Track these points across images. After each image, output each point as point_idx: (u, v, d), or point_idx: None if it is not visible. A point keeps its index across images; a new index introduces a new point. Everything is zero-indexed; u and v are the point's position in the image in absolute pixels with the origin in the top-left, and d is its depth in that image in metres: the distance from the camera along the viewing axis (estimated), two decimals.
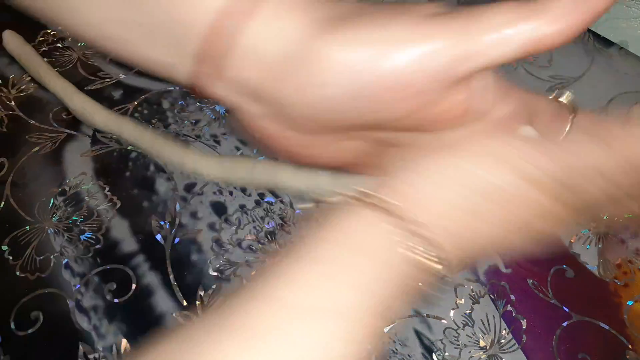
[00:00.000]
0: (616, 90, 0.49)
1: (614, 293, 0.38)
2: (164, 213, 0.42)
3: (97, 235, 0.41)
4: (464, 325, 0.37)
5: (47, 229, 0.41)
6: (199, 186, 0.44)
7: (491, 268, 0.39)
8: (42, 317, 0.37)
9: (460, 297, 0.38)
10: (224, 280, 0.39)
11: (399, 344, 0.36)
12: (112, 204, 0.43)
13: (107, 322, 0.37)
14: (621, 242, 0.41)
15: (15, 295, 0.38)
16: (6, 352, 0.36)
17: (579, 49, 0.53)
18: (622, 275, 0.39)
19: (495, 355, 0.36)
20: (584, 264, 0.40)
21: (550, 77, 0.51)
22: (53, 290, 0.39)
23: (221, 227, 0.41)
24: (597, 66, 0.51)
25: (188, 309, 0.38)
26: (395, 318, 0.22)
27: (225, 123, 0.47)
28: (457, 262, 0.22)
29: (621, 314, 0.37)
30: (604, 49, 0.52)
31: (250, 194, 0.43)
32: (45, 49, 0.53)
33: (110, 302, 0.38)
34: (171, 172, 0.44)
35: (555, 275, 0.39)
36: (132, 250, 0.40)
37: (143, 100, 0.49)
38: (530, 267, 0.39)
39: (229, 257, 0.40)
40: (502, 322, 0.37)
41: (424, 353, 0.36)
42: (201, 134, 0.47)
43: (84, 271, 0.39)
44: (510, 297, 0.38)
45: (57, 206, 0.42)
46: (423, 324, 0.37)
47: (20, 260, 0.40)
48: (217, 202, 0.43)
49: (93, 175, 0.44)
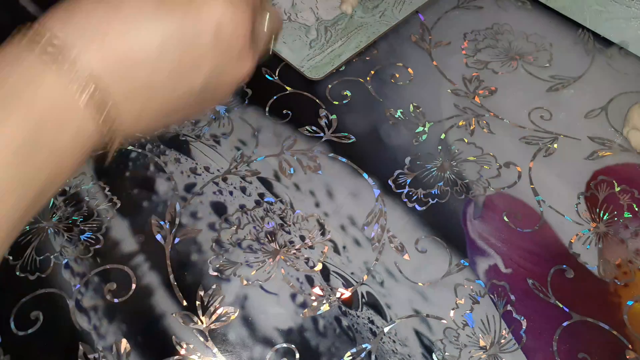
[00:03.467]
0: (616, 90, 0.50)
1: (614, 293, 0.38)
2: (164, 213, 0.42)
3: (97, 235, 0.41)
4: (463, 326, 0.37)
5: (47, 229, 0.41)
6: (199, 186, 0.44)
7: (491, 268, 0.39)
8: (42, 317, 0.37)
9: (460, 297, 0.38)
10: (224, 280, 0.39)
11: (399, 344, 0.36)
12: (112, 204, 0.43)
13: (107, 322, 0.37)
14: (621, 242, 0.41)
15: (15, 295, 0.38)
16: (6, 352, 0.36)
17: (579, 49, 0.53)
18: (622, 275, 0.39)
19: (495, 355, 0.36)
20: (584, 264, 0.40)
21: (550, 77, 0.51)
22: (53, 290, 0.39)
23: (221, 227, 0.41)
24: (597, 66, 0.51)
25: (188, 309, 0.38)
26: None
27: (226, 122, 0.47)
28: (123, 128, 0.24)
29: (621, 314, 0.38)
30: (604, 49, 0.53)
31: (250, 194, 0.43)
32: None
33: (110, 302, 0.38)
34: (171, 172, 0.44)
35: (555, 275, 0.39)
36: (132, 250, 0.40)
37: None
38: (530, 267, 0.39)
39: (229, 257, 0.40)
40: (502, 322, 0.37)
41: (424, 353, 0.36)
42: (201, 134, 0.47)
43: (84, 271, 0.39)
44: (510, 297, 0.38)
45: (57, 206, 0.42)
46: (423, 324, 0.37)
47: (20, 260, 0.40)
48: (217, 202, 0.43)
49: (93, 175, 0.44)
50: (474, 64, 0.52)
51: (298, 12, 0.55)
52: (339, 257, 0.40)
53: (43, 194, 0.23)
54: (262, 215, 0.42)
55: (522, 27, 0.55)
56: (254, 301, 0.38)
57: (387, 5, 0.56)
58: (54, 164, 0.22)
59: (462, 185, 0.44)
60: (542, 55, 0.52)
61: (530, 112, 0.48)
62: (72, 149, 0.23)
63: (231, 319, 0.37)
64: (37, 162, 0.21)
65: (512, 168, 0.45)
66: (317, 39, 0.53)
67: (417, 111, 0.48)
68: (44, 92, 0.21)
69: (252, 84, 0.50)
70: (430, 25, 0.55)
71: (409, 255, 0.40)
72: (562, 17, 0.55)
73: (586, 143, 0.46)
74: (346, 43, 0.52)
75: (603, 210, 0.42)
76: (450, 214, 0.42)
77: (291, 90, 0.50)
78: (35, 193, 0.22)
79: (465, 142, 0.46)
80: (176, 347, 0.36)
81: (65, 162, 0.23)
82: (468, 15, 0.56)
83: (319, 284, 0.39)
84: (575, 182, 0.44)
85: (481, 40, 0.54)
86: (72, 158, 0.23)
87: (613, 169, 0.44)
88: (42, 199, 0.23)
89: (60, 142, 0.22)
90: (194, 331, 0.37)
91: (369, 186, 0.44)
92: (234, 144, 0.46)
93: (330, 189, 0.43)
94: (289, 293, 0.39)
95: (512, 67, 0.51)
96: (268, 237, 0.41)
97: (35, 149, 0.21)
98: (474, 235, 0.41)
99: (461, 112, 0.48)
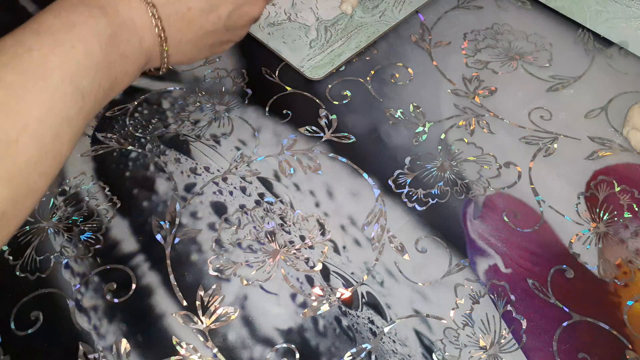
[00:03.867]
0: (616, 90, 0.50)
1: (614, 293, 0.38)
2: (164, 213, 0.42)
3: (97, 235, 0.41)
4: (464, 326, 0.37)
5: (47, 229, 0.41)
6: (199, 186, 0.44)
7: (491, 268, 0.39)
8: (42, 317, 0.37)
9: (460, 297, 0.38)
10: (224, 280, 0.39)
11: (399, 344, 0.36)
12: (112, 204, 0.43)
13: (107, 322, 0.37)
14: (621, 242, 0.41)
15: (15, 295, 0.38)
16: (6, 352, 0.36)
17: (579, 49, 0.53)
18: (622, 275, 0.39)
19: (495, 355, 0.36)
20: (584, 264, 0.40)
21: (550, 77, 0.51)
22: (53, 290, 0.39)
23: (221, 227, 0.41)
24: (597, 66, 0.51)
25: (188, 309, 0.38)
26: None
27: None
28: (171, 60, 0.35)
29: (621, 314, 0.38)
30: (604, 49, 0.53)
31: (250, 194, 0.43)
32: None
33: (110, 302, 0.38)
34: (171, 172, 0.44)
35: (555, 275, 0.39)
36: (132, 250, 0.40)
37: (143, 100, 0.49)
38: (530, 267, 0.39)
39: (229, 257, 0.40)
40: (502, 322, 0.37)
41: (424, 353, 0.36)
42: (201, 134, 0.47)
43: (84, 271, 0.39)
44: (510, 297, 0.38)
45: (57, 206, 0.42)
46: (423, 324, 0.37)
47: (20, 260, 0.40)
48: (217, 202, 0.43)
49: (93, 175, 0.44)
50: (474, 64, 0.52)
51: (298, 12, 0.55)
52: (339, 257, 0.40)
53: (115, 85, 0.31)
54: (262, 215, 0.42)
55: (522, 27, 0.55)
56: (254, 301, 0.38)
57: (387, 5, 0.56)
58: (123, 63, 0.31)
59: (462, 185, 0.44)
60: (542, 55, 0.52)
61: (530, 112, 0.48)
62: (135, 55, 0.32)
63: (231, 319, 0.37)
64: (114, 55, 0.30)
65: (512, 168, 0.45)
66: (317, 39, 0.53)
67: (417, 111, 0.48)
68: (122, 9, 0.30)
69: (252, 84, 0.50)
70: (430, 25, 0.55)
71: (409, 255, 0.40)
72: (562, 17, 0.55)
73: (586, 143, 0.46)
74: (346, 43, 0.52)
75: (603, 210, 0.42)
76: (450, 214, 0.42)
77: (291, 90, 0.50)
78: (112, 82, 0.30)
79: (465, 142, 0.46)
80: (176, 347, 0.36)
81: (129, 65, 0.31)
82: (468, 15, 0.56)
83: (319, 284, 0.39)
84: (575, 182, 0.44)
85: (481, 40, 0.54)
86: (135, 64, 0.32)
87: (613, 169, 0.44)
88: (114, 90, 0.31)
89: (128, 46, 0.31)
90: (194, 331, 0.37)
91: (369, 186, 0.44)
92: (235, 143, 0.46)
93: (330, 189, 0.43)
94: (289, 293, 0.39)
95: (512, 67, 0.51)
96: (268, 237, 0.41)
97: (113, 46, 0.29)
98: (474, 235, 0.41)
99: (461, 112, 0.48)
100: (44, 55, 0.26)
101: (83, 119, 0.28)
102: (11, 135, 0.24)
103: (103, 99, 0.30)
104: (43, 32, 0.26)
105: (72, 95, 0.27)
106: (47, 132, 0.26)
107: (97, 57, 0.28)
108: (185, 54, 0.36)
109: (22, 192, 0.25)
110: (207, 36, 0.36)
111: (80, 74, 0.27)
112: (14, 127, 0.24)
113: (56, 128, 0.26)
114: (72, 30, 0.27)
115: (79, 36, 0.27)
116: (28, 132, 0.25)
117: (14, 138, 0.24)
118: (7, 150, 0.24)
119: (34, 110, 0.25)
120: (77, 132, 0.28)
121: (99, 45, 0.28)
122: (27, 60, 0.25)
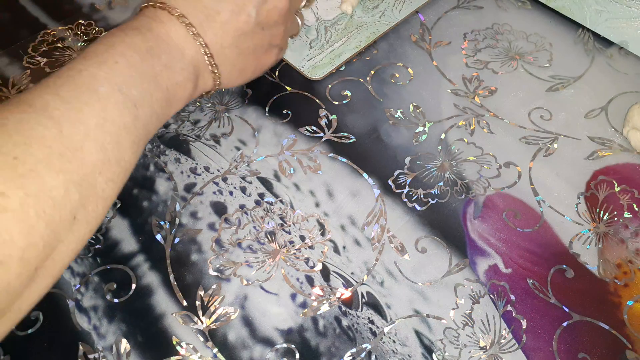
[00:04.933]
0: (616, 90, 0.50)
1: (614, 293, 0.38)
2: (164, 213, 0.42)
3: (97, 235, 0.41)
4: (464, 325, 0.37)
5: None
6: (199, 186, 0.44)
7: (491, 268, 0.39)
8: (42, 317, 0.37)
9: (460, 297, 0.38)
10: (224, 280, 0.39)
11: (399, 344, 0.36)
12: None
13: (107, 322, 0.37)
14: (621, 242, 0.41)
15: None
16: (6, 352, 0.36)
17: (579, 49, 0.53)
18: (622, 275, 0.39)
19: (495, 355, 0.36)
20: (584, 264, 0.40)
21: (550, 77, 0.51)
22: (53, 290, 0.39)
23: (221, 227, 0.41)
24: (597, 66, 0.51)
25: (188, 309, 0.38)
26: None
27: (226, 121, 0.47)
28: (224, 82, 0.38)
29: (621, 314, 0.38)
30: (604, 49, 0.53)
31: (250, 194, 0.43)
32: (45, 49, 0.53)
33: (110, 302, 0.38)
34: (171, 172, 0.44)
35: (555, 275, 0.39)
36: (132, 250, 0.40)
37: None
38: (530, 267, 0.39)
39: (229, 257, 0.40)
40: (502, 322, 0.37)
41: (424, 353, 0.36)
42: (201, 134, 0.47)
43: (84, 271, 0.39)
44: (510, 297, 0.38)
45: None
46: (423, 324, 0.37)
47: None
48: (217, 202, 0.43)
49: None
50: (474, 64, 0.52)
51: None
52: (339, 257, 0.40)
53: (170, 97, 0.33)
54: (262, 215, 0.42)
55: (522, 27, 0.55)
56: (254, 301, 0.38)
57: (387, 5, 0.56)
58: (169, 74, 0.32)
59: (462, 185, 0.44)
60: (542, 55, 0.52)
61: (530, 112, 0.48)
62: (180, 65, 0.33)
63: (231, 319, 0.37)
64: (157, 66, 0.32)
65: (512, 168, 0.45)
66: (317, 39, 0.53)
67: (417, 111, 0.48)
68: (155, 26, 0.33)
69: (252, 84, 0.50)
70: (430, 25, 0.55)
71: (409, 255, 0.40)
72: (562, 17, 0.55)
73: (586, 143, 0.46)
74: (346, 43, 0.52)
75: (603, 210, 0.42)
76: (450, 214, 0.42)
77: (291, 90, 0.50)
78: (164, 92, 0.32)
79: (465, 142, 0.46)
80: (176, 347, 0.36)
81: (176, 75, 0.33)
82: (468, 15, 0.56)
83: (319, 284, 0.39)
84: (575, 182, 0.44)
85: (481, 40, 0.54)
86: (182, 74, 0.33)
87: (613, 169, 0.44)
88: (171, 102, 0.33)
89: (169, 57, 0.33)
90: (194, 331, 0.37)
91: (369, 186, 0.44)
92: (235, 143, 0.46)
93: (330, 189, 0.44)
94: (289, 293, 0.39)
95: (512, 67, 0.51)
96: (268, 237, 0.41)
97: (153, 57, 0.32)
98: (474, 235, 0.41)
99: (461, 112, 0.48)
100: (92, 73, 0.29)
101: (142, 128, 0.30)
102: (76, 141, 0.26)
103: (161, 111, 0.32)
104: (89, 57, 0.30)
105: (124, 103, 0.29)
106: (107, 138, 0.28)
107: (139, 68, 0.31)
108: (232, 61, 0.37)
109: (91, 198, 0.27)
110: (245, 38, 0.36)
111: (127, 83, 0.30)
112: (77, 135, 0.27)
113: (115, 135, 0.28)
114: (112, 50, 0.30)
115: (119, 52, 0.30)
116: (90, 138, 0.27)
117: (79, 145, 0.27)
118: (74, 155, 0.26)
119: (91, 119, 0.27)
120: (137, 142, 0.30)
121: (139, 57, 0.31)
122: (78, 79, 0.28)
